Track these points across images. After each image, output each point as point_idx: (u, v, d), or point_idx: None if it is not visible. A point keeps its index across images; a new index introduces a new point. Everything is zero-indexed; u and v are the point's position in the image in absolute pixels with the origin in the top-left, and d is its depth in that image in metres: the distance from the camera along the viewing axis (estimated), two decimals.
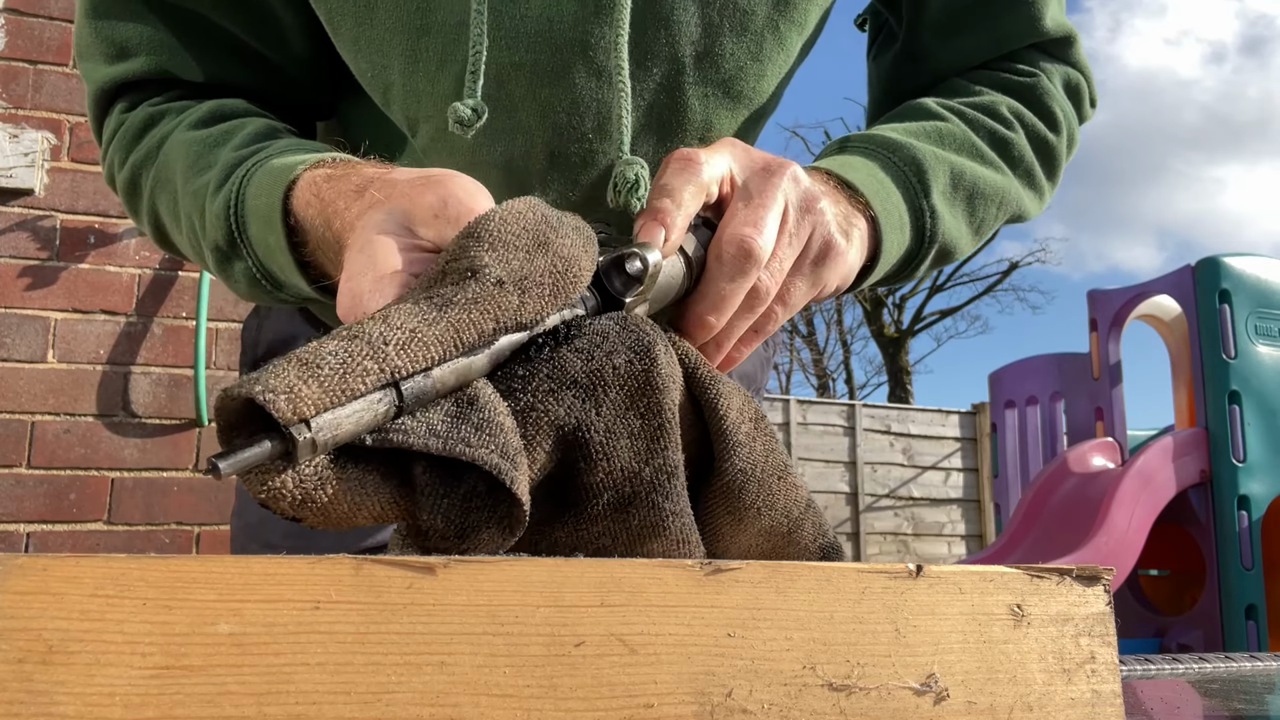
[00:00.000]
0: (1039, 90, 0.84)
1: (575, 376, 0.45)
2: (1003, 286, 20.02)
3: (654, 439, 0.46)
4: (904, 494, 8.65)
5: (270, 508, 0.38)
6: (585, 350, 0.46)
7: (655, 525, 0.46)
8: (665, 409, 0.47)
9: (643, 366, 0.46)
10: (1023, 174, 0.82)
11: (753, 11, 0.73)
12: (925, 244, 0.74)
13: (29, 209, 2.49)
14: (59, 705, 0.29)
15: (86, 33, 0.76)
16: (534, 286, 0.45)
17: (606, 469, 0.45)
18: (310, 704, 0.31)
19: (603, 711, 0.35)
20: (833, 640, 0.39)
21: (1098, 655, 0.44)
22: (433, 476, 0.41)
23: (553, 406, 0.44)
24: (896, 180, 0.71)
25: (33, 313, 2.46)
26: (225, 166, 0.67)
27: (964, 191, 0.76)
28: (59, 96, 2.55)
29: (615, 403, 0.46)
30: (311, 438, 0.36)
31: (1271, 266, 3.98)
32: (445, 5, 0.68)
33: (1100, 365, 4.19)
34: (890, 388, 18.30)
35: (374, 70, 0.72)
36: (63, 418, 2.45)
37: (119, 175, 0.77)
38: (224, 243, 0.67)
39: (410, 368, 0.39)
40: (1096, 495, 3.75)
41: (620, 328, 0.48)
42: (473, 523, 0.41)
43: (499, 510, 0.42)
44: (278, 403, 0.35)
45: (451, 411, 0.41)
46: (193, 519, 2.51)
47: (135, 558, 0.31)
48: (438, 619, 0.33)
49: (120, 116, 0.77)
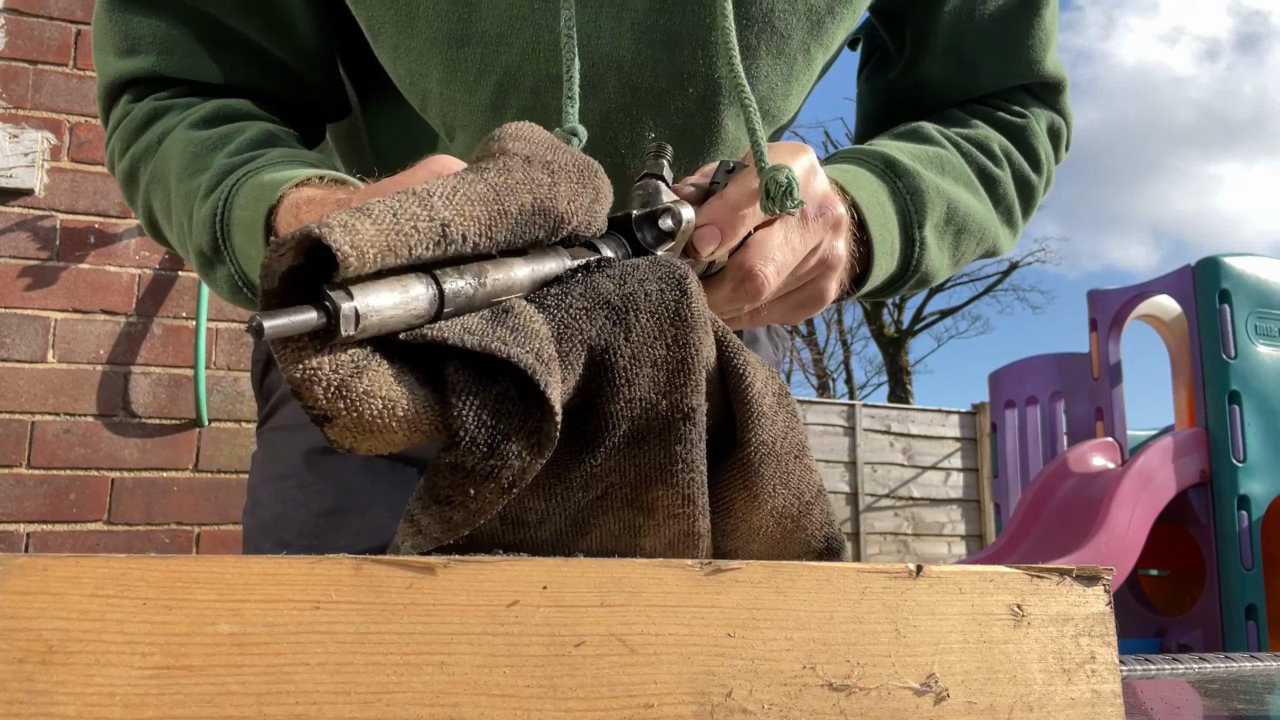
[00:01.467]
0: (1028, 132, 0.86)
1: (608, 298, 0.45)
2: (1003, 286, 20.03)
3: (675, 372, 0.45)
4: (904, 494, 8.65)
5: (302, 395, 0.36)
6: (618, 276, 0.46)
7: (663, 468, 0.45)
8: (691, 344, 0.46)
9: (674, 297, 0.46)
10: (1004, 211, 0.84)
11: (789, 35, 0.74)
12: (910, 271, 0.75)
13: (29, 209, 2.49)
14: (59, 705, 0.29)
15: (104, 23, 0.77)
16: (561, 171, 0.45)
17: (627, 397, 0.44)
18: (310, 704, 0.31)
19: (603, 711, 0.35)
20: (833, 640, 0.39)
21: (1098, 655, 0.44)
22: (465, 374, 0.40)
23: (586, 325, 0.43)
24: (897, 207, 0.73)
25: (33, 313, 2.46)
26: (217, 173, 0.67)
27: (954, 226, 0.78)
28: (59, 96, 2.55)
29: (644, 328, 0.45)
30: (356, 308, 0.35)
31: (1271, 266, 3.98)
32: (486, 17, 0.69)
33: (1100, 365, 4.19)
34: (890, 388, 18.30)
35: (412, 78, 0.73)
36: (63, 418, 2.45)
37: (118, 165, 0.78)
38: (208, 248, 0.67)
39: (458, 221, 0.39)
40: (1096, 495, 3.75)
41: (651, 261, 0.48)
42: (503, 429, 0.40)
43: (529, 421, 0.40)
44: (334, 234, 0.34)
45: (487, 316, 0.40)
46: (193, 519, 2.51)
47: (135, 558, 0.31)
48: (438, 619, 0.33)
49: (126, 107, 0.77)
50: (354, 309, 0.35)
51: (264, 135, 0.71)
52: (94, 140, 2.56)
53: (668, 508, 0.46)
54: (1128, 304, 4.14)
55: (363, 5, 0.72)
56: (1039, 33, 0.86)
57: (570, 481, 0.45)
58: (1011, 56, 0.86)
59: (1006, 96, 0.88)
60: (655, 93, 0.72)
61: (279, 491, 0.86)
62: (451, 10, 0.69)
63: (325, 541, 0.81)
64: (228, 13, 0.75)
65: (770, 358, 0.98)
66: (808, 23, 0.75)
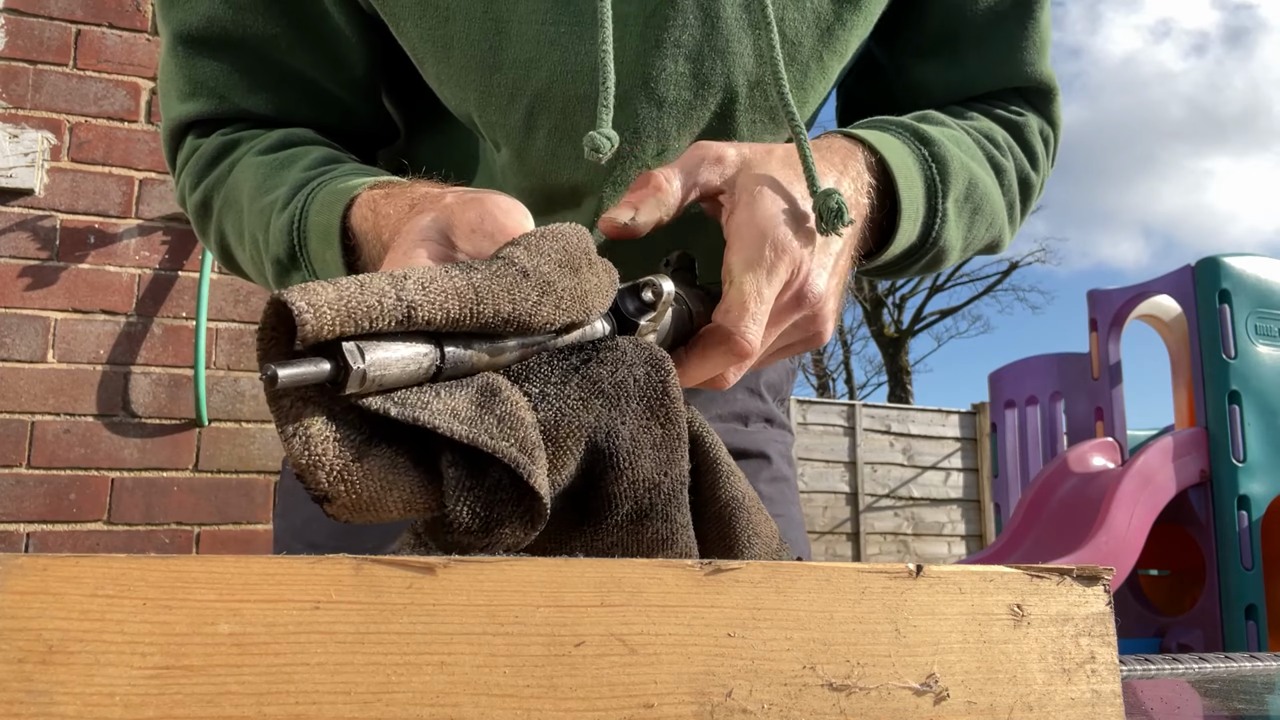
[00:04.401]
0: (1026, 129, 0.86)
1: (603, 387, 0.47)
2: (1003, 286, 20.05)
3: (673, 449, 0.48)
4: (904, 494, 8.65)
5: (305, 479, 0.38)
6: (610, 363, 0.48)
7: (667, 538, 0.48)
8: (681, 417, 0.49)
9: (659, 378, 0.49)
10: (1009, 203, 0.84)
11: (800, 43, 0.76)
12: (929, 244, 0.75)
13: (29, 209, 2.49)
14: (59, 705, 0.29)
15: (169, 68, 0.81)
16: (552, 294, 0.46)
17: (631, 478, 0.46)
18: (310, 704, 0.31)
19: (603, 711, 0.35)
20: (833, 640, 0.39)
21: (1098, 655, 0.44)
22: (460, 469, 0.42)
23: (584, 414, 0.46)
24: (923, 175, 0.72)
25: (33, 313, 2.46)
26: (293, 186, 0.71)
27: (972, 204, 0.78)
28: (59, 96, 2.55)
29: (638, 412, 0.48)
30: (363, 368, 0.38)
31: (1271, 266, 3.98)
32: (515, 43, 0.72)
33: (1100, 365, 4.20)
34: (890, 388, 18.30)
35: (455, 101, 0.77)
36: (63, 418, 2.45)
37: (190, 198, 0.82)
38: (285, 256, 0.71)
39: (427, 308, 0.40)
40: (1096, 495, 3.75)
41: (634, 345, 0.50)
42: (497, 516, 0.42)
43: (522, 504, 0.43)
44: (297, 303, 0.37)
45: (475, 399, 0.42)
46: (193, 519, 2.51)
47: (135, 558, 0.31)
48: (438, 619, 0.33)
49: (194, 143, 0.81)
50: (361, 369, 0.38)
51: (331, 156, 0.75)
52: (94, 140, 2.56)
53: None
54: (1128, 304, 4.15)
55: (405, 37, 0.76)
56: (1033, 35, 0.86)
57: (572, 549, 0.47)
58: (1006, 58, 0.86)
59: (1001, 98, 0.88)
60: (680, 105, 0.75)
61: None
62: (483, 39, 0.72)
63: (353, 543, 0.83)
64: (284, 51, 0.78)
65: (786, 364, 0.99)
66: (818, 30, 0.76)
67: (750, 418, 0.94)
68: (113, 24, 2.62)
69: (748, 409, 0.94)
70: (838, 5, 0.77)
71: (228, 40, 0.77)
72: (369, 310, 0.39)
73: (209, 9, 0.77)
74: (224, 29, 0.77)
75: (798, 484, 1.03)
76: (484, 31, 0.72)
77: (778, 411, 0.97)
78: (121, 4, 2.64)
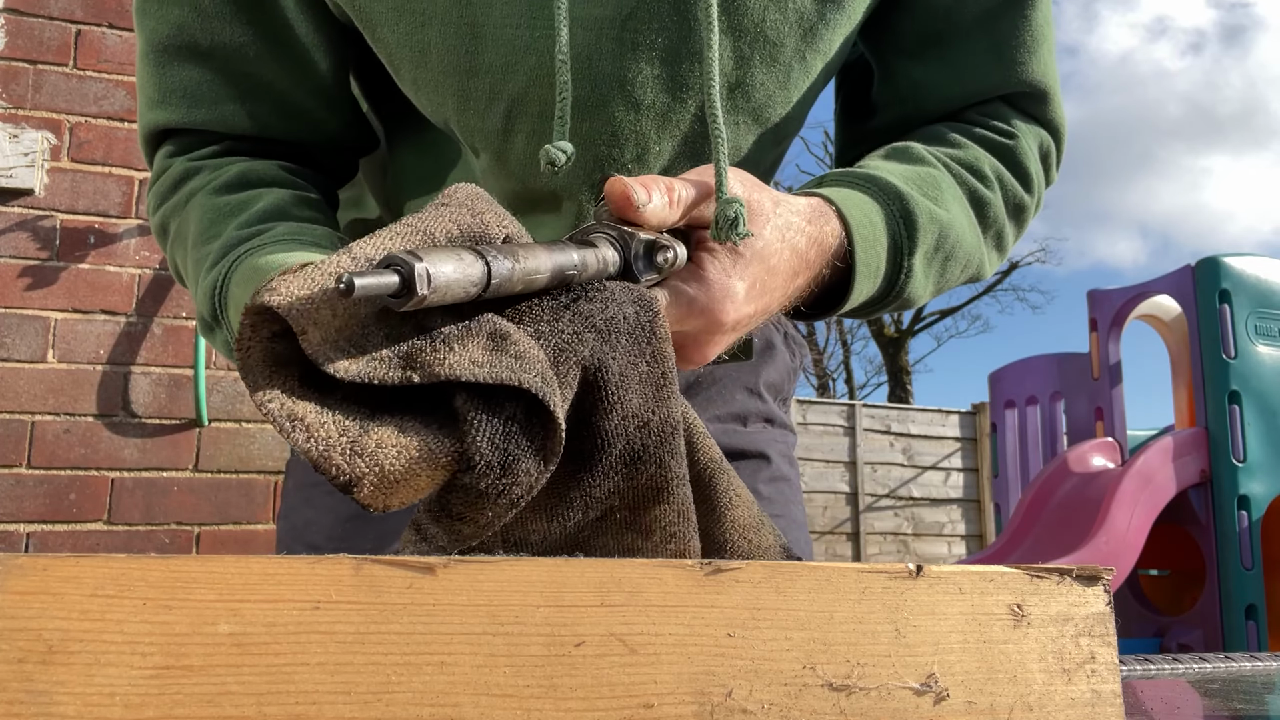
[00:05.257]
0: (1018, 151, 0.84)
1: (594, 322, 0.49)
2: (1003, 286, 20.04)
3: (659, 386, 0.50)
4: (904, 494, 8.65)
5: (323, 467, 0.40)
6: (599, 300, 0.50)
7: (662, 486, 0.49)
8: (668, 357, 0.51)
9: (648, 318, 0.51)
10: (993, 236, 0.83)
11: (781, 43, 0.75)
12: (892, 295, 0.74)
13: (29, 209, 2.49)
14: (59, 705, 0.29)
15: (141, 74, 0.81)
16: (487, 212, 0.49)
17: (621, 413, 0.48)
18: (310, 704, 0.31)
19: (603, 711, 0.35)
20: (833, 640, 0.39)
21: (1098, 655, 0.44)
22: (475, 403, 0.43)
23: (579, 346, 0.47)
24: (889, 232, 0.71)
25: (33, 313, 2.46)
26: (224, 245, 0.71)
27: (942, 254, 0.77)
28: (59, 96, 2.55)
29: (626, 348, 0.49)
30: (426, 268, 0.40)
31: (1271, 266, 3.98)
32: (491, 48, 0.72)
33: (1100, 365, 4.20)
34: (890, 388, 18.30)
35: (433, 107, 0.77)
36: (63, 418, 2.45)
37: (153, 219, 0.82)
38: (208, 315, 0.72)
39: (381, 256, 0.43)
40: (1096, 495, 3.75)
41: (623, 286, 0.52)
42: (514, 451, 0.43)
43: (536, 440, 0.44)
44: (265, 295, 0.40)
45: (488, 346, 0.44)
46: (193, 519, 2.50)
47: (135, 558, 0.31)
48: (438, 619, 0.33)
49: (163, 162, 0.82)
50: (425, 271, 0.40)
51: (276, 207, 0.74)
52: (94, 140, 2.56)
53: (665, 527, 0.50)
54: (1128, 304, 4.15)
55: (382, 44, 0.76)
56: (1023, 35, 0.83)
57: (570, 501, 0.48)
58: (994, 60, 0.83)
59: (991, 112, 0.85)
60: (658, 108, 0.74)
61: (309, 497, 0.90)
62: (459, 44, 0.73)
63: (351, 545, 0.84)
64: (252, 61, 0.78)
65: (787, 364, 0.98)
66: (800, 30, 0.76)
67: (749, 418, 0.94)
68: (113, 24, 2.62)
69: (746, 409, 0.93)
70: (820, 4, 0.76)
71: (197, 49, 0.78)
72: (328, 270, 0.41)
73: (179, 17, 0.77)
74: (193, 37, 0.77)
75: (800, 484, 1.02)
76: (460, 36, 0.72)
77: (778, 411, 0.97)
78: (121, 4, 2.64)
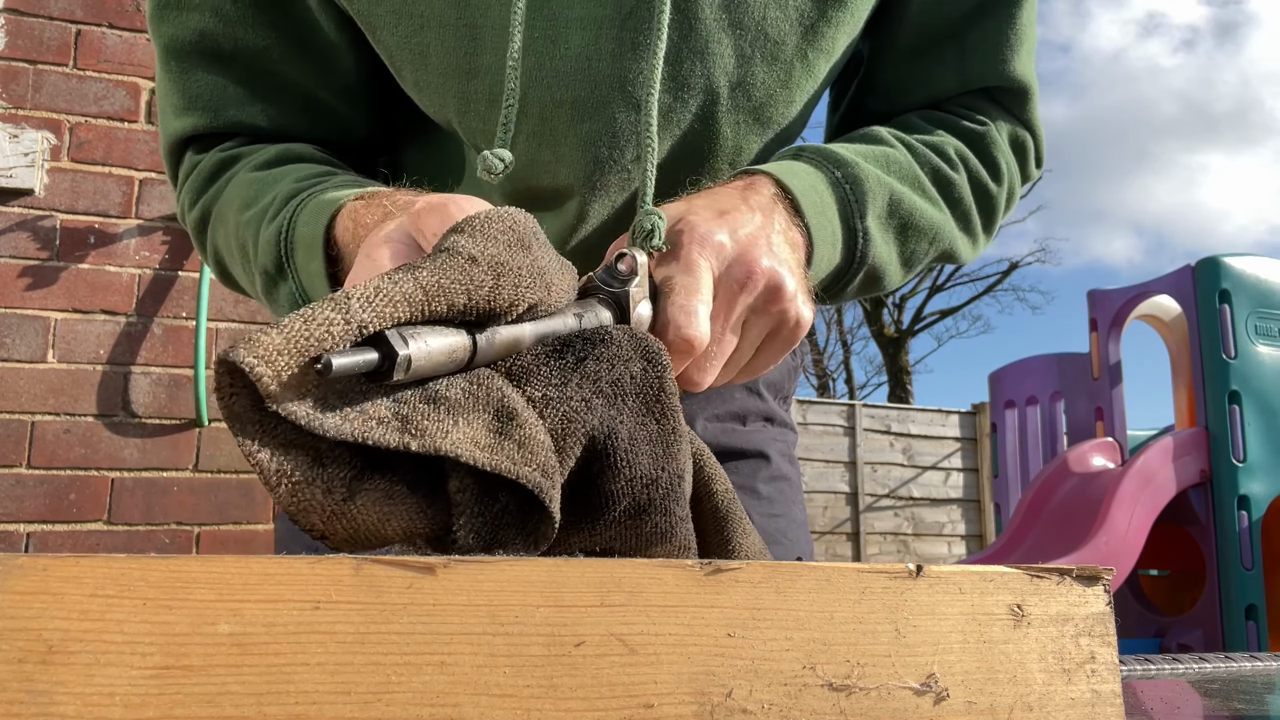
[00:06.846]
0: (987, 140, 0.84)
1: (601, 386, 0.47)
2: (1003, 286, 20.05)
3: (669, 444, 0.48)
4: (904, 494, 8.65)
5: (299, 522, 0.39)
6: (607, 359, 0.48)
7: (665, 532, 0.48)
8: (677, 412, 0.49)
9: (655, 374, 0.49)
10: (960, 215, 0.82)
11: (783, 41, 0.75)
12: (855, 264, 0.73)
13: (29, 209, 2.49)
14: (59, 705, 0.29)
15: (163, 83, 0.81)
16: (509, 275, 0.45)
17: (628, 476, 0.46)
18: (310, 704, 0.31)
19: (603, 711, 0.35)
20: (833, 640, 0.39)
21: (1098, 655, 0.44)
22: (470, 493, 0.41)
23: (588, 416, 0.46)
24: (836, 196, 0.71)
25: (33, 313, 2.46)
26: (282, 197, 0.71)
27: (898, 220, 0.76)
28: (59, 96, 2.55)
29: (634, 409, 0.48)
30: (408, 354, 0.39)
31: (1271, 266, 3.98)
32: (490, 50, 0.72)
33: (1100, 365, 4.20)
34: (890, 388, 18.30)
35: (435, 109, 0.77)
36: (63, 418, 2.45)
37: (189, 215, 0.82)
38: (272, 267, 0.71)
39: (377, 323, 0.40)
40: (1096, 495, 3.75)
41: (629, 337, 0.50)
42: (501, 539, 0.42)
43: (528, 526, 0.43)
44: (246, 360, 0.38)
45: (492, 425, 0.42)
46: (193, 519, 2.50)
47: (135, 558, 0.31)
48: (438, 619, 0.33)
49: (193, 160, 0.81)
50: (407, 355, 0.39)
51: (324, 170, 0.75)
52: (94, 140, 2.56)
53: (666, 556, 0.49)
54: (1128, 304, 4.15)
55: (382, 45, 0.76)
56: (1008, 33, 0.84)
57: (570, 546, 0.47)
58: (979, 56, 0.84)
59: (968, 104, 0.86)
60: (659, 108, 0.73)
61: None
62: (458, 45, 0.73)
63: None
64: (276, 62, 0.78)
65: (787, 362, 0.98)
66: (801, 28, 0.76)
67: (749, 417, 0.94)
68: (113, 24, 2.62)
69: (746, 408, 0.93)
70: (821, 2, 0.76)
71: (220, 54, 0.77)
72: (320, 342, 0.38)
73: (200, 23, 0.77)
74: (215, 42, 0.77)
75: (801, 483, 1.01)
76: (459, 38, 0.72)
77: (779, 410, 0.97)
78: (121, 4, 2.64)
